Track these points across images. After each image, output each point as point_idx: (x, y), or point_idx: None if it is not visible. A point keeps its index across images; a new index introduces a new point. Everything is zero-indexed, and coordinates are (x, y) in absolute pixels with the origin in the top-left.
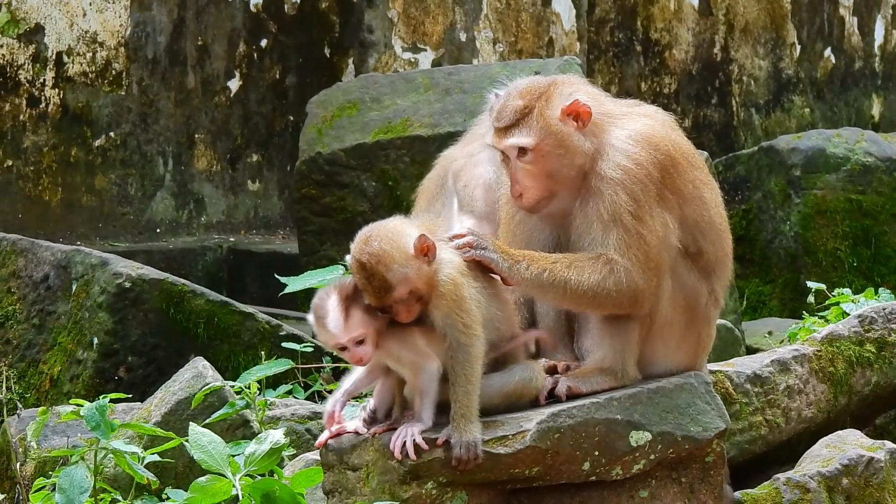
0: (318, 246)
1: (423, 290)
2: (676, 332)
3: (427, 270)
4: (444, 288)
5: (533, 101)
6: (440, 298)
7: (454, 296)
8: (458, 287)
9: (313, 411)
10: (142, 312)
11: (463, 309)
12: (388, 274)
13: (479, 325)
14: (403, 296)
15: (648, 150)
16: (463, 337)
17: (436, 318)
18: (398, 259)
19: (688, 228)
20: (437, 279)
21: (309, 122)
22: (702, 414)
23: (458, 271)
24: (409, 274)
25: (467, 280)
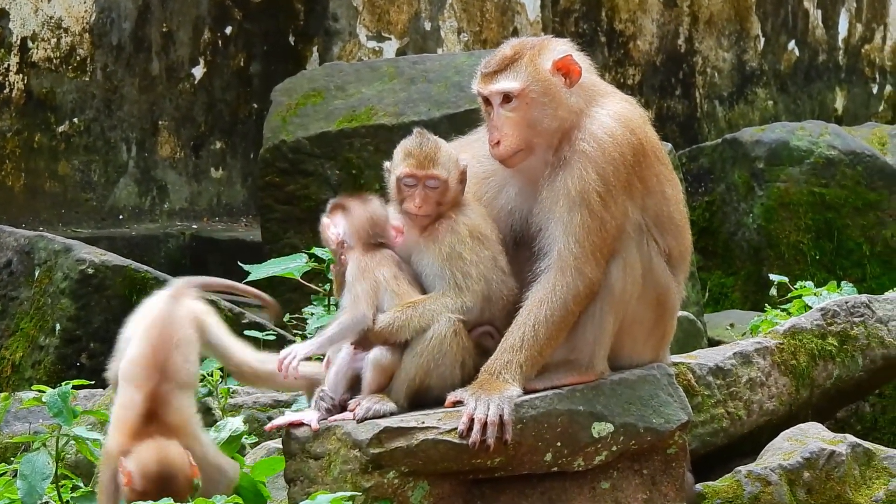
0: (282, 234)
1: (448, 199)
2: (645, 329)
3: (458, 190)
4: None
5: (524, 50)
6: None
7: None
8: (474, 229)
9: (275, 400)
10: (105, 299)
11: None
12: (439, 154)
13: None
14: (436, 182)
15: (626, 132)
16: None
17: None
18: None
19: (647, 221)
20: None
21: (273, 109)
22: (664, 406)
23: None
24: (450, 175)
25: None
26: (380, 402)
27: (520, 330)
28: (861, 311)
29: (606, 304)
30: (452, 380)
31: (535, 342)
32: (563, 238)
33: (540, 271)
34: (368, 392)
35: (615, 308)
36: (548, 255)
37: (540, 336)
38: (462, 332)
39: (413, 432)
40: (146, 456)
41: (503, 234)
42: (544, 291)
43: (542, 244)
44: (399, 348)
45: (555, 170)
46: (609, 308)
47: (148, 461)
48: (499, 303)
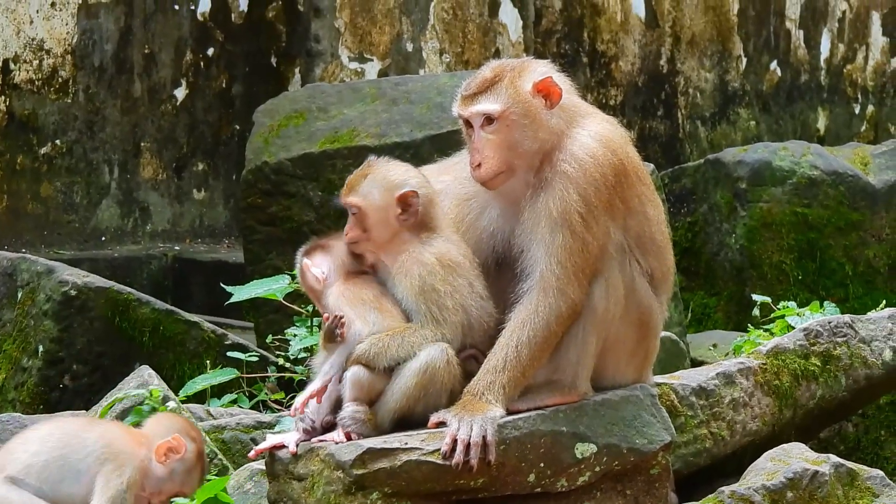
0: (264, 255)
1: (372, 226)
2: (628, 349)
3: (396, 217)
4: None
5: (504, 72)
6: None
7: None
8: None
9: (258, 420)
10: (87, 320)
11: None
12: (362, 181)
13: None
14: (354, 209)
15: (607, 153)
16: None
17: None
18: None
19: (629, 241)
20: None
21: (255, 130)
22: (647, 426)
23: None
24: (370, 203)
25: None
26: (363, 421)
27: (502, 351)
28: (844, 332)
29: (589, 325)
30: (438, 406)
31: (517, 363)
32: (545, 259)
33: (522, 292)
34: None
35: (598, 328)
36: (530, 276)
37: (523, 357)
38: (454, 362)
39: (396, 453)
40: (170, 421)
41: (485, 255)
42: (527, 312)
43: (524, 265)
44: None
45: (536, 191)
46: (592, 328)
47: (184, 426)
48: (479, 328)
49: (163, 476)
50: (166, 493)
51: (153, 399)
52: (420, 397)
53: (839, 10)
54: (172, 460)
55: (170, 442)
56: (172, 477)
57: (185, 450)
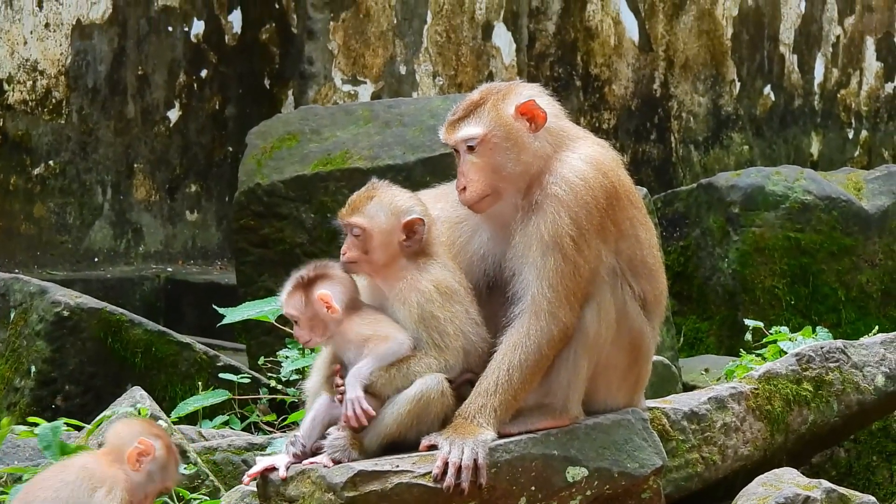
0: (256, 277)
1: (374, 249)
2: (619, 373)
3: (398, 242)
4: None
5: (489, 95)
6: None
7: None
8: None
9: (250, 442)
10: (80, 341)
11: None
12: (368, 203)
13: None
14: (357, 230)
15: (598, 176)
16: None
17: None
18: (385, 209)
19: (620, 265)
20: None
21: (248, 152)
22: (638, 450)
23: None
24: (376, 226)
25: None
26: (346, 447)
27: (494, 374)
28: (836, 357)
29: (580, 348)
30: (430, 433)
31: (509, 386)
32: (536, 282)
33: (514, 316)
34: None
35: (589, 352)
36: (522, 299)
37: (514, 380)
38: (448, 391)
39: (387, 476)
40: (130, 427)
41: (476, 279)
42: (518, 336)
43: (515, 289)
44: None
45: (527, 214)
46: (583, 352)
47: (143, 426)
48: (475, 353)
49: (142, 481)
50: (151, 494)
51: (142, 418)
52: (412, 425)
53: (833, 34)
54: (146, 463)
55: (137, 447)
56: (152, 478)
57: (154, 449)
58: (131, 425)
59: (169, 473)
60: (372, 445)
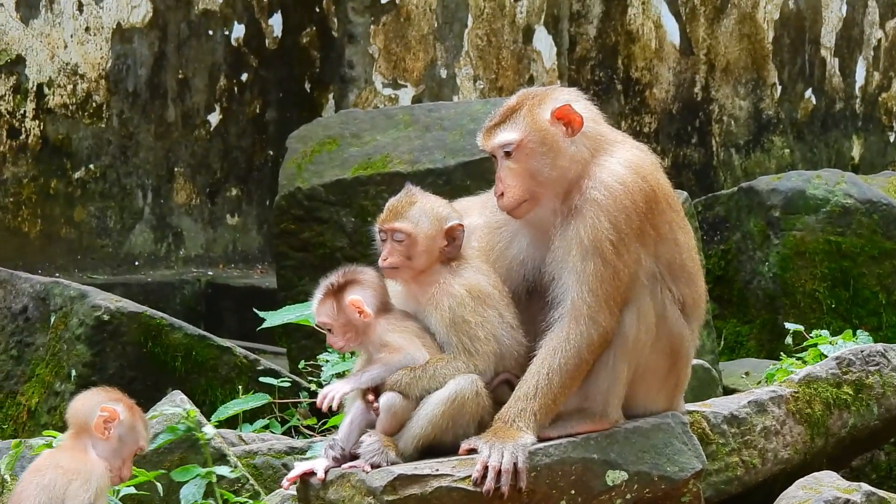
0: (297, 281)
1: (418, 254)
2: (658, 377)
3: (440, 247)
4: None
5: (525, 101)
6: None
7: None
8: (473, 289)
9: (290, 446)
10: (120, 345)
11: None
12: (410, 208)
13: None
14: (401, 235)
15: (637, 180)
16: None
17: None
18: (428, 214)
19: (660, 269)
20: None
21: (288, 156)
22: (678, 454)
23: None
24: (420, 230)
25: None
26: (382, 450)
27: (533, 378)
28: (877, 360)
29: (620, 353)
30: (467, 436)
31: (548, 390)
32: (576, 287)
33: (553, 320)
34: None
35: (629, 356)
36: (561, 304)
37: (554, 384)
38: (483, 393)
39: (427, 480)
40: (86, 400)
41: (516, 283)
42: (558, 340)
43: (555, 293)
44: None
45: (566, 219)
46: (622, 356)
47: (101, 395)
48: (510, 357)
49: (115, 447)
50: (127, 458)
51: (189, 419)
52: (447, 427)
53: (874, 38)
54: (114, 429)
55: (101, 415)
56: (123, 442)
57: (117, 413)
58: (88, 397)
59: (139, 433)
60: (407, 448)
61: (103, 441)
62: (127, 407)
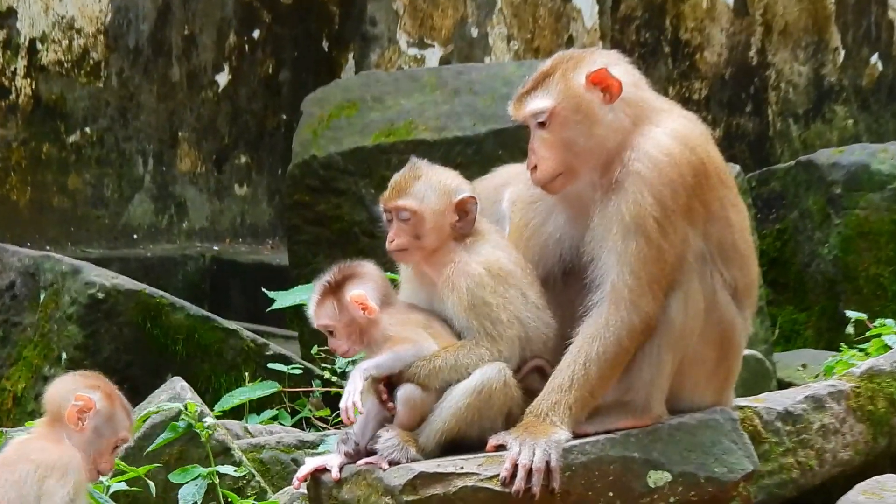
0: (311, 258)
1: (427, 232)
2: (707, 369)
3: (451, 223)
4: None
5: (559, 64)
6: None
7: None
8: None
9: (301, 439)
10: (115, 326)
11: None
12: (414, 184)
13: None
14: (406, 214)
15: (684, 151)
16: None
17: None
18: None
19: (709, 249)
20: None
21: (304, 121)
22: (727, 454)
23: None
24: (427, 207)
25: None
26: (401, 445)
27: (569, 368)
28: None
29: (665, 341)
30: (495, 430)
31: (585, 381)
32: (617, 268)
33: (592, 304)
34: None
35: (674, 345)
36: (600, 286)
37: (591, 375)
38: (512, 383)
39: (450, 478)
40: (60, 387)
41: (551, 263)
42: (596, 326)
43: (594, 275)
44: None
45: (607, 194)
46: (667, 345)
47: (77, 380)
48: (538, 340)
49: (92, 439)
50: (105, 451)
51: (190, 414)
52: (473, 420)
53: None
54: (89, 419)
55: (75, 404)
56: (101, 433)
57: (93, 402)
58: (64, 382)
59: (118, 424)
60: (429, 444)
61: (78, 432)
62: (105, 395)
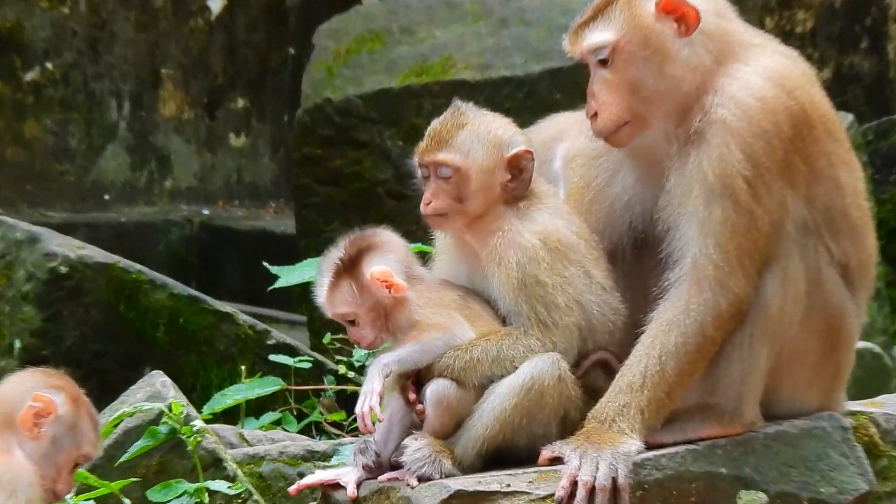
0: (323, 224)
1: (472, 193)
2: (810, 364)
3: (502, 182)
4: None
5: None
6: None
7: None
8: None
9: (309, 449)
10: (81, 308)
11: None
12: (457, 134)
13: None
14: (447, 170)
15: (782, 95)
16: None
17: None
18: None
19: (814, 217)
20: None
21: (316, 57)
22: (837, 470)
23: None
24: (474, 162)
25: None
26: (433, 457)
27: (641, 363)
28: None
29: (758, 331)
30: (548, 437)
31: (661, 379)
32: (699, 240)
33: (669, 285)
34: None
35: (770, 336)
36: (679, 262)
37: (668, 371)
38: (568, 378)
39: (494, 498)
40: (16, 385)
41: (619, 233)
42: (674, 312)
43: (671, 248)
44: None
45: (684, 147)
46: (762, 335)
47: (38, 378)
48: (603, 331)
49: (48, 451)
50: (64, 467)
51: (174, 416)
52: (521, 425)
53: None
54: (47, 425)
55: (32, 406)
56: (60, 445)
57: (55, 404)
58: (19, 381)
59: (82, 436)
60: (467, 455)
61: (32, 440)
62: (70, 398)
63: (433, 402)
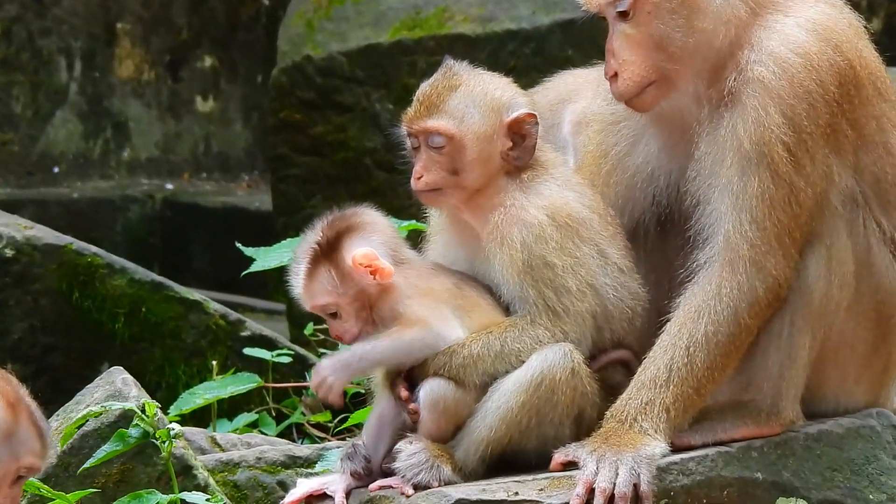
0: (303, 200)
1: (467, 164)
2: (858, 355)
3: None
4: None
5: None
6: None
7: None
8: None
9: (290, 455)
10: (30, 296)
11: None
12: (450, 97)
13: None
14: (440, 139)
15: (826, 50)
16: None
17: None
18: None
19: (862, 189)
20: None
21: (293, 9)
22: (886, 474)
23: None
24: (468, 129)
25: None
26: (430, 462)
27: (666, 355)
28: None
29: (799, 318)
30: (560, 438)
31: (688, 373)
32: (732, 215)
33: (698, 266)
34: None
35: (813, 324)
36: (710, 241)
37: (696, 364)
38: (582, 372)
39: None
40: None
41: (640, 208)
42: (704, 297)
43: (700, 225)
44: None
45: (717, 111)
46: (804, 323)
47: None
48: (621, 318)
49: None
50: (3, 480)
51: (147, 419)
52: (529, 425)
53: None
54: None
55: None
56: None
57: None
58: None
59: (22, 445)
60: (469, 460)
61: None
62: (7, 404)
63: (428, 405)
